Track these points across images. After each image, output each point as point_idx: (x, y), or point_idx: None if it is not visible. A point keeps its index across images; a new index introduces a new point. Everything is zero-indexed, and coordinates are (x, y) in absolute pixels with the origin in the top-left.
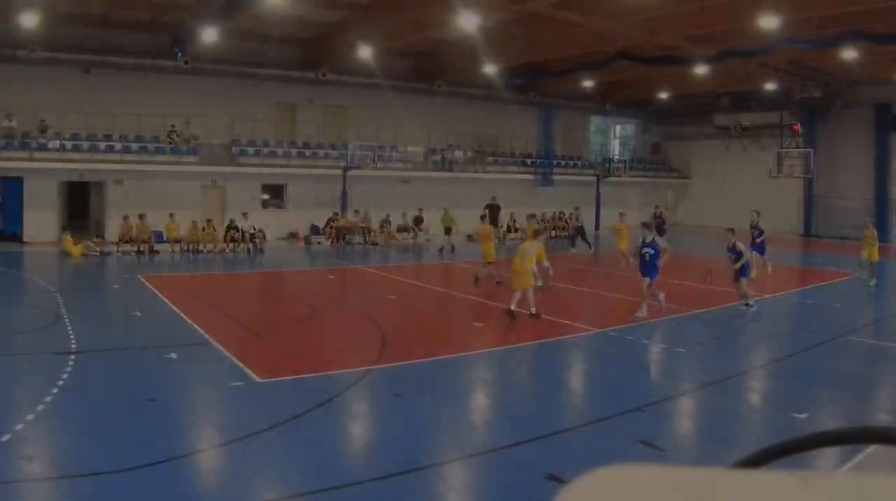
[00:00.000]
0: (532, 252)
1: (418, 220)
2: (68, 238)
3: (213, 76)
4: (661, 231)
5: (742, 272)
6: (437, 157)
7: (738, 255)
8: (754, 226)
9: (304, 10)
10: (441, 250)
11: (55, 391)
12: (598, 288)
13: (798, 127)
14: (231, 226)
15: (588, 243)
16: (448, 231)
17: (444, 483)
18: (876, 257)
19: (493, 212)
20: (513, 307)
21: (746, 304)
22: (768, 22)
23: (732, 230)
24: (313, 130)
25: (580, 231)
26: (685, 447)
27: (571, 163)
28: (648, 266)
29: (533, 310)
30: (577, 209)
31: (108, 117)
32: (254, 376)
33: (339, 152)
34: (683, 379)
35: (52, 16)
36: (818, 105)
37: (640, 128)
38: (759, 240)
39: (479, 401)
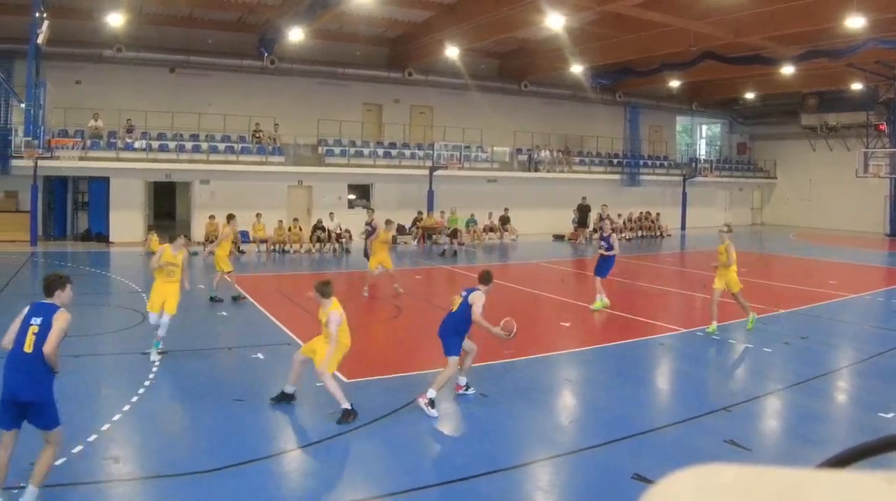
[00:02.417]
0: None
1: (504, 220)
2: (154, 238)
3: (300, 76)
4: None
5: None
6: (524, 157)
7: None
8: (604, 239)
9: (391, 10)
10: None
11: (141, 391)
12: (684, 287)
13: (884, 126)
14: (317, 226)
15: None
16: (453, 233)
17: (531, 483)
18: (737, 286)
19: (582, 212)
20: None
21: (466, 387)
22: (854, 22)
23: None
24: (399, 130)
25: None
26: (771, 447)
27: (658, 162)
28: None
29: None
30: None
31: (193, 117)
32: (340, 376)
33: (426, 152)
34: (770, 378)
35: (139, 15)
36: None
37: (726, 127)
38: (607, 254)
39: (566, 401)
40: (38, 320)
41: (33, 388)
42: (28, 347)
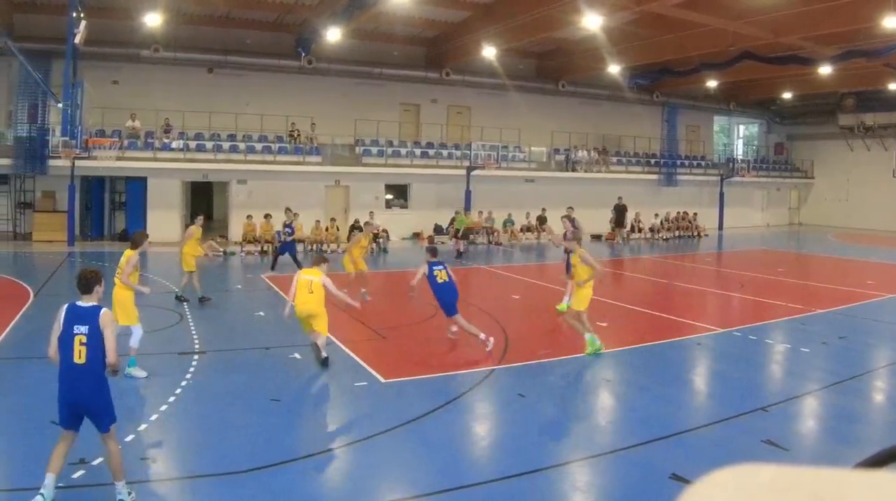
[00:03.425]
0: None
1: (542, 220)
2: None
3: (337, 76)
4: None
5: None
6: (561, 157)
7: None
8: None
9: (428, 10)
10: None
11: (178, 391)
12: (721, 287)
13: None
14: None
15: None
16: (459, 233)
17: (568, 483)
18: (584, 304)
19: (619, 212)
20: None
21: None
22: (892, 22)
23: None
24: (437, 130)
25: None
26: (809, 447)
27: (695, 163)
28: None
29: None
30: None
31: (231, 117)
32: (378, 376)
33: (463, 152)
34: (807, 378)
35: (176, 15)
36: None
37: (763, 127)
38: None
39: (603, 401)
40: (84, 328)
41: (93, 398)
42: (79, 358)
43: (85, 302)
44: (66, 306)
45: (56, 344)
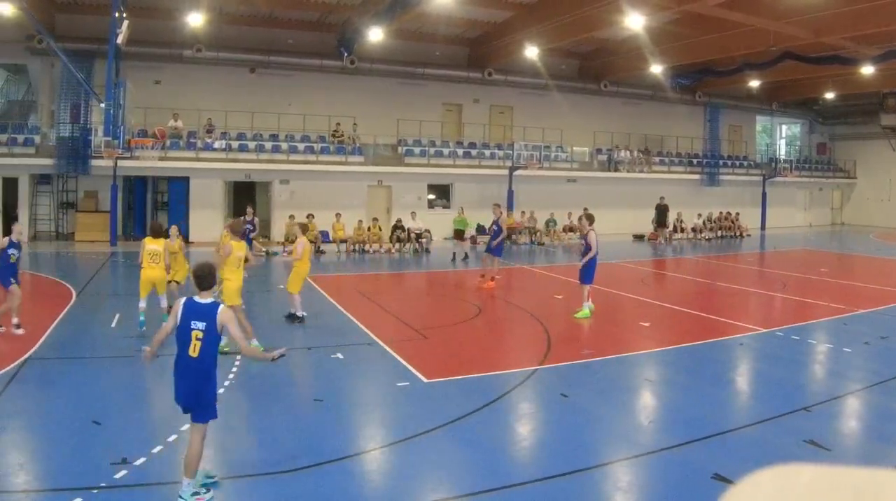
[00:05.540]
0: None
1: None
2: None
3: (379, 76)
4: (494, 250)
5: None
6: (604, 157)
7: None
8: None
9: (471, 10)
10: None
11: (221, 391)
12: (764, 287)
13: None
14: (397, 226)
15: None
16: (459, 234)
17: (611, 483)
18: (234, 299)
19: (661, 212)
20: None
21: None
22: None
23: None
24: (479, 130)
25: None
26: (851, 447)
27: (737, 163)
28: None
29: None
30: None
31: (273, 117)
32: (420, 376)
33: (505, 152)
34: (850, 378)
35: (218, 15)
36: None
37: (805, 128)
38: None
39: (645, 401)
40: (202, 324)
41: (200, 390)
42: (193, 351)
43: (203, 299)
44: (183, 300)
45: (163, 338)
